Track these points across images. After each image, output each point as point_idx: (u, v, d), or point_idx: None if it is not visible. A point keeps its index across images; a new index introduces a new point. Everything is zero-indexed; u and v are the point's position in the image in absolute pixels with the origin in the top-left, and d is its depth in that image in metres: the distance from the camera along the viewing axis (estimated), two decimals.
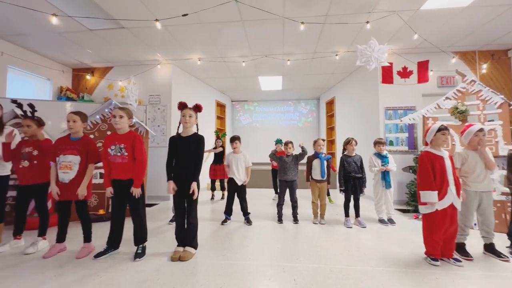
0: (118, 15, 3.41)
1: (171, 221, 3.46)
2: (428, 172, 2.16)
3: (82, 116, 2.46)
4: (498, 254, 2.27)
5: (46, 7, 3.18)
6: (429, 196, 2.11)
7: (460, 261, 2.16)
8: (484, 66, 4.54)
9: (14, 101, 2.53)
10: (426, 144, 2.36)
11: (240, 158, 3.46)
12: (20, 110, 2.54)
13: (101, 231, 2.82)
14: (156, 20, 3.35)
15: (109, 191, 2.30)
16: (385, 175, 3.38)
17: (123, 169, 2.27)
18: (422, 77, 4.66)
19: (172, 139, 2.43)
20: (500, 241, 2.40)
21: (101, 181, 3.69)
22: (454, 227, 2.18)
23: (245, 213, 3.45)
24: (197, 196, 2.33)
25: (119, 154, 2.27)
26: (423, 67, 4.65)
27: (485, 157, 2.33)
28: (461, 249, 2.31)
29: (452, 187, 2.13)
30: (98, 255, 2.27)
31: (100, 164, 3.65)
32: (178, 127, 2.44)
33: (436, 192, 2.10)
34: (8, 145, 2.50)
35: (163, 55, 4.84)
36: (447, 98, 3.62)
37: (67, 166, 2.31)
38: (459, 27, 3.81)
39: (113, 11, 3.32)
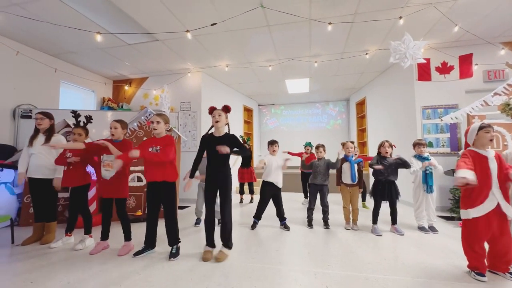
0: (153, 29, 3.66)
1: (196, 223, 3.56)
2: (464, 159, 1.94)
3: (123, 123, 2.68)
4: None
5: (91, 26, 3.53)
6: (461, 173, 1.81)
7: None
8: None
9: (73, 111, 2.81)
10: (466, 146, 2.15)
11: (277, 162, 3.38)
12: (75, 119, 2.81)
13: (139, 231, 3.00)
14: (187, 31, 3.53)
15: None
16: (427, 178, 3.14)
17: (157, 169, 2.38)
18: (465, 72, 4.28)
19: (204, 138, 2.52)
20: None
21: (139, 184, 3.96)
22: (506, 237, 1.92)
23: (282, 218, 3.38)
24: (229, 190, 2.45)
25: None
26: (466, 61, 4.26)
27: None
28: None
29: (496, 190, 1.89)
30: (137, 254, 2.42)
31: (138, 168, 3.94)
32: (210, 129, 2.53)
33: (470, 171, 1.83)
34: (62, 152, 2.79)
35: (193, 63, 5.07)
36: (496, 93, 3.26)
37: (109, 164, 2.51)
38: (507, 15, 3.45)
39: (149, 25, 3.58)
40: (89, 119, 2.83)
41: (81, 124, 2.81)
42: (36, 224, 2.88)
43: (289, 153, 4.89)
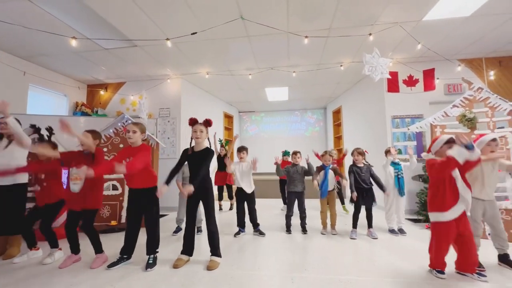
0: (133, 36, 3.62)
1: (175, 232, 3.52)
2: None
3: (94, 134, 2.57)
4: None
5: (66, 31, 3.42)
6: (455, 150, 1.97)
7: (485, 275, 2.04)
8: (492, 73, 4.51)
9: (32, 126, 2.65)
10: (428, 151, 2.34)
11: (247, 167, 3.44)
12: (37, 134, 2.66)
13: (113, 242, 2.90)
14: (167, 39, 3.53)
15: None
16: (399, 181, 3.36)
17: (137, 178, 2.35)
18: (429, 85, 4.66)
19: (185, 152, 2.53)
20: None
21: (115, 192, 3.82)
22: (470, 237, 2.07)
23: (255, 224, 3.41)
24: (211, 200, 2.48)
25: None
26: (429, 75, 4.66)
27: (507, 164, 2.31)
28: None
29: (463, 192, 2.05)
30: (111, 265, 2.34)
31: (113, 176, 3.81)
32: (191, 142, 2.54)
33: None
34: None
35: (173, 70, 5.04)
36: (454, 105, 3.60)
37: (77, 178, 2.42)
38: (463, 36, 3.84)
39: (128, 32, 3.53)
40: (50, 131, 2.70)
41: (45, 137, 2.69)
42: None
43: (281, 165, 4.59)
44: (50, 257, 2.52)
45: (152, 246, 2.42)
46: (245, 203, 3.43)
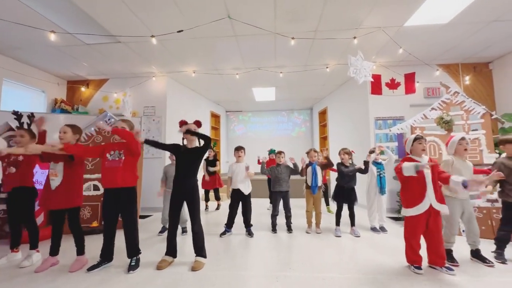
0: (116, 31, 3.52)
1: (160, 232, 3.47)
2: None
3: (75, 128, 2.48)
4: (483, 260, 2.35)
5: (45, 24, 3.27)
6: (409, 164, 2.19)
7: (452, 269, 2.18)
8: (467, 78, 4.76)
9: (15, 113, 2.56)
10: (407, 154, 2.47)
11: (244, 168, 3.43)
12: (17, 122, 2.56)
13: (94, 244, 2.81)
14: (152, 36, 3.46)
15: None
16: (381, 181, 3.47)
17: (116, 174, 2.27)
18: (409, 88, 4.85)
19: (178, 146, 2.56)
20: (486, 247, 2.48)
21: (96, 192, 3.70)
22: (439, 234, 2.21)
23: (248, 224, 3.42)
24: (197, 200, 2.48)
25: (117, 158, 2.32)
26: (410, 79, 4.84)
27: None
28: (448, 255, 2.37)
29: (430, 192, 2.18)
30: (91, 268, 2.27)
31: (94, 176, 3.70)
32: (183, 140, 2.60)
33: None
34: None
35: (158, 67, 4.94)
36: (432, 108, 3.78)
37: (53, 173, 2.34)
38: (441, 42, 4.03)
39: (111, 27, 3.43)
40: (31, 118, 2.60)
41: (25, 125, 2.58)
42: None
43: (266, 164, 4.26)
44: (28, 259, 2.41)
45: (133, 248, 2.36)
46: (240, 204, 3.42)
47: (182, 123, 2.53)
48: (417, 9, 3.13)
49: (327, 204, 4.93)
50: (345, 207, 3.44)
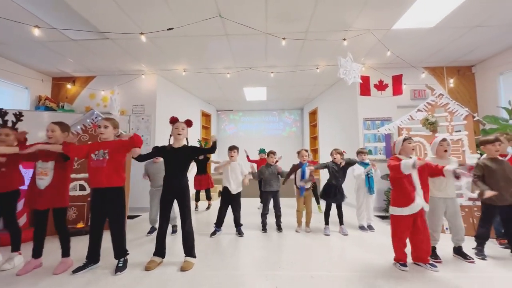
0: (104, 28, 3.43)
1: (149, 232, 3.43)
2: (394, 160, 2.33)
3: (63, 126, 2.43)
4: (464, 256, 2.44)
5: (29, 18, 3.15)
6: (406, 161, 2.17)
7: (435, 266, 2.25)
8: (451, 80, 4.92)
9: None
10: (393, 153, 2.53)
11: (236, 167, 3.43)
12: (1, 119, 2.46)
13: (80, 245, 2.74)
14: (141, 33, 3.40)
15: None
16: (369, 181, 3.54)
17: (101, 174, 2.22)
18: (397, 90, 4.96)
19: (165, 148, 2.48)
20: (468, 244, 2.58)
21: (82, 193, 3.61)
22: (425, 232, 2.28)
23: (238, 224, 3.41)
24: (188, 199, 2.46)
25: (101, 158, 2.26)
26: (397, 80, 4.95)
27: None
28: (432, 252, 2.45)
29: (419, 191, 2.25)
30: (76, 270, 2.21)
31: (81, 175, 3.60)
32: (169, 139, 2.53)
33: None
34: None
35: (148, 65, 4.86)
36: (418, 110, 3.88)
37: (43, 172, 2.27)
38: (427, 45, 4.15)
39: (98, 23, 3.34)
40: (18, 117, 2.51)
41: (9, 124, 2.49)
42: None
43: (258, 165, 4.65)
44: (9, 262, 2.32)
45: (120, 249, 2.32)
46: (229, 204, 3.40)
47: (173, 119, 2.50)
48: (405, 12, 3.21)
49: (318, 203, 4.98)
50: (333, 206, 3.49)
